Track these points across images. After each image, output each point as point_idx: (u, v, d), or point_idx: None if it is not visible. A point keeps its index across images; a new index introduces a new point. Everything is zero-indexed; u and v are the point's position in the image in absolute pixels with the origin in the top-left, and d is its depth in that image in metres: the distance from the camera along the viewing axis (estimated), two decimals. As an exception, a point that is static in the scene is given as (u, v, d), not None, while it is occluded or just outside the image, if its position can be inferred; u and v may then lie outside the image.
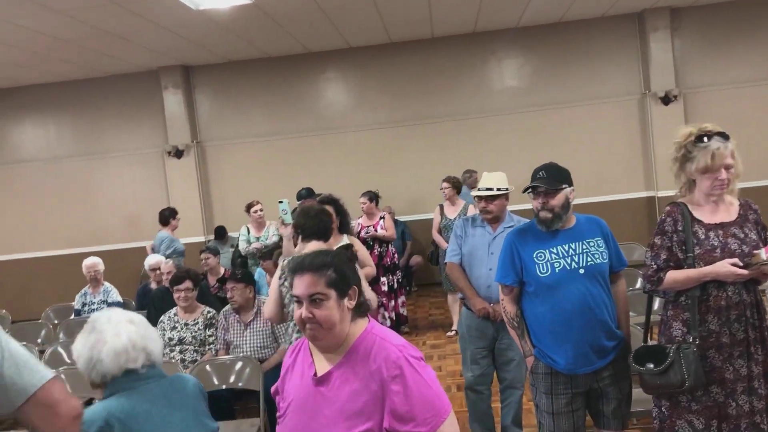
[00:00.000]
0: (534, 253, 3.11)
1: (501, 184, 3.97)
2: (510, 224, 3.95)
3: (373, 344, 1.92)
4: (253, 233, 7.40)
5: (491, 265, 3.79)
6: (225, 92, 10.32)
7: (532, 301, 3.14)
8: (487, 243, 3.95)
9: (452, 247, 4.13)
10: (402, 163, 10.05)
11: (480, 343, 3.95)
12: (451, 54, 9.96)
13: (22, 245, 10.56)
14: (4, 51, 8.15)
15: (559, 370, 3.07)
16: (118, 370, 2.09)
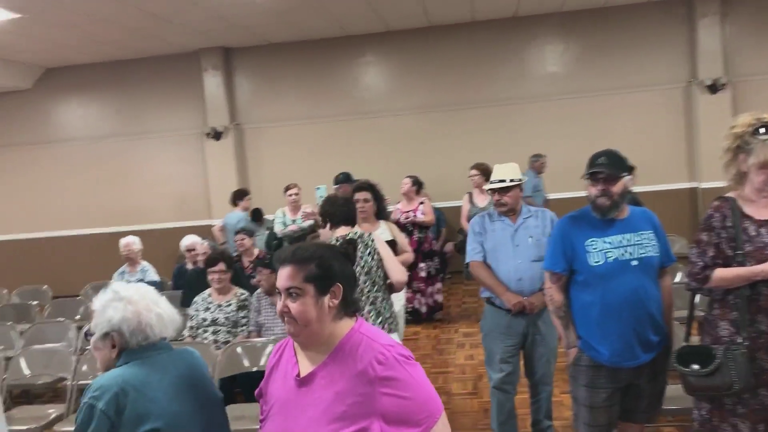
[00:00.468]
0: (586, 242, 3.03)
1: (514, 175, 3.85)
2: (528, 215, 3.86)
3: (360, 343, 1.82)
4: (288, 216, 7.42)
5: (519, 258, 3.74)
6: (264, 75, 10.36)
7: (580, 291, 3.06)
8: (509, 236, 3.81)
9: (472, 246, 3.91)
10: (438, 148, 9.97)
11: (509, 341, 3.81)
12: (491, 38, 9.81)
13: (65, 222, 10.81)
14: (50, 32, 8.29)
15: (602, 363, 3.01)
16: (143, 339, 2.16)
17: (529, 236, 3.78)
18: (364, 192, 4.73)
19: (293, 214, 7.37)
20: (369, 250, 3.87)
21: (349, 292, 1.88)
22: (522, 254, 3.74)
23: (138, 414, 2.04)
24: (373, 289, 3.86)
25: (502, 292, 3.73)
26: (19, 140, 10.87)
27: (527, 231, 3.80)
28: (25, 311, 6.06)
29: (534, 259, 3.71)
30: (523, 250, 3.75)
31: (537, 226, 3.81)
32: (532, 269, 3.71)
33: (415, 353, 6.12)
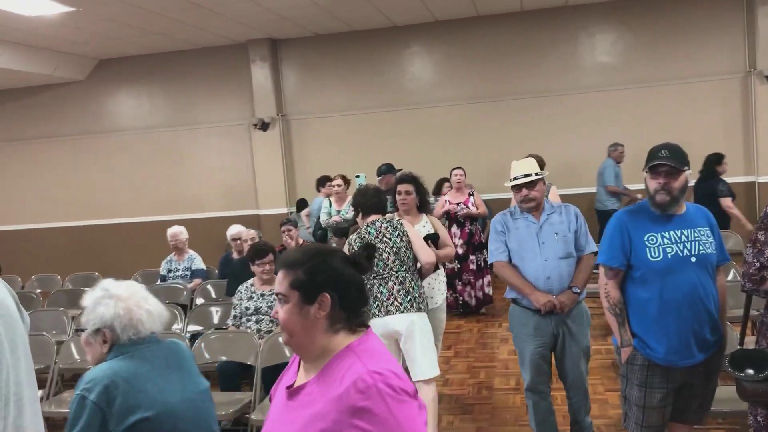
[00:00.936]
0: (645, 236, 2.93)
1: (535, 169, 3.74)
2: (551, 211, 3.74)
3: (349, 365, 1.63)
4: (334, 206, 7.45)
5: (546, 255, 3.63)
6: (310, 66, 10.40)
7: (637, 287, 2.97)
8: (534, 234, 3.68)
9: (495, 245, 3.77)
10: (484, 140, 9.86)
11: (539, 342, 3.69)
12: (541, 28, 9.63)
13: (116, 211, 11.08)
14: (101, 24, 8.48)
15: (658, 362, 2.92)
16: (134, 335, 2.27)
17: (554, 232, 3.67)
18: (407, 184, 4.69)
19: (338, 204, 7.39)
20: (398, 232, 4.05)
21: (348, 304, 1.71)
22: (549, 251, 3.63)
23: (128, 405, 2.14)
24: (401, 269, 4.00)
25: (530, 291, 3.61)
26: (72, 130, 11.18)
27: (552, 227, 3.68)
28: (77, 298, 6.20)
29: (561, 255, 3.63)
30: (550, 247, 3.64)
31: (562, 221, 3.70)
32: (560, 267, 3.62)
33: (458, 347, 6.12)
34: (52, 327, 5.22)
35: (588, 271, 3.69)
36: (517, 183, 3.69)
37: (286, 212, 10.21)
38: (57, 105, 11.20)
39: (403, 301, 3.95)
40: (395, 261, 3.99)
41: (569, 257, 3.65)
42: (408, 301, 3.94)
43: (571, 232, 3.67)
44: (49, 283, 7.37)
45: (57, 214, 11.30)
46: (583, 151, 9.50)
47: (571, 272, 3.65)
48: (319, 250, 1.78)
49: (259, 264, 4.78)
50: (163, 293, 6.02)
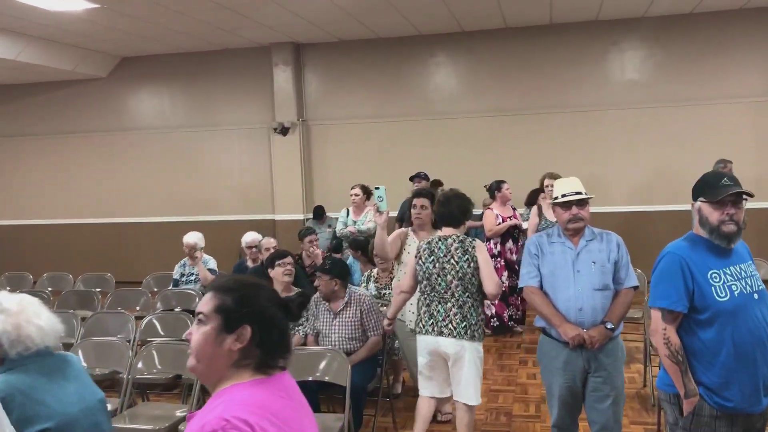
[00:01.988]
0: (709, 274, 2.65)
1: (584, 188, 3.48)
2: (591, 237, 3.46)
3: (216, 405, 1.55)
4: (351, 216, 7.28)
5: (580, 285, 3.37)
6: (333, 71, 10.27)
7: (703, 331, 2.66)
8: (570, 261, 3.41)
9: (527, 269, 3.52)
10: (508, 154, 9.67)
11: (567, 377, 3.41)
12: (569, 42, 9.44)
13: (133, 210, 11.00)
14: (126, 22, 8.40)
15: (728, 411, 2.63)
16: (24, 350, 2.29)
17: (592, 261, 3.40)
18: (423, 198, 4.51)
19: (356, 214, 7.22)
20: (467, 256, 3.84)
21: (266, 344, 1.61)
22: (583, 281, 3.37)
23: (27, 416, 2.18)
24: (464, 295, 3.84)
25: (559, 322, 3.35)
26: (92, 127, 11.12)
27: (590, 255, 3.42)
28: (88, 299, 6.12)
29: (597, 287, 3.37)
30: (585, 276, 3.38)
31: (601, 250, 3.43)
32: (594, 299, 3.36)
33: None
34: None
35: (625, 307, 3.43)
36: (568, 200, 3.42)
37: (302, 219, 10.08)
38: (78, 101, 11.15)
39: (458, 326, 3.81)
40: (458, 286, 3.82)
41: (606, 290, 3.40)
42: (463, 327, 3.81)
43: (610, 263, 3.41)
44: (60, 282, 7.26)
45: (73, 210, 11.24)
46: (609, 169, 9.30)
47: (605, 306, 3.39)
48: (254, 282, 1.71)
49: (280, 264, 4.61)
50: (174, 299, 5.89)
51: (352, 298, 4.46)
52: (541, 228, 6.21)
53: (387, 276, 5.32)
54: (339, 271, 4.43)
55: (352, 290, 4.52)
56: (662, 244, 2.90)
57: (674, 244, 2.80)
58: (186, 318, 4.92)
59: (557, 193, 3.51)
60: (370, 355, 4.41)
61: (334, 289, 4.42)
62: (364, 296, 4.50)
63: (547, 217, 6.32)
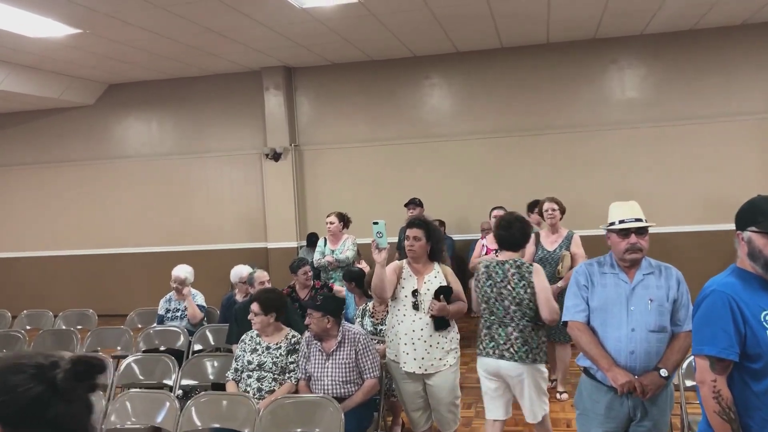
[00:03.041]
0: (762, 315, 2.27)
1: (643, 215, 3.13)
2: (649, 271, 3.08)
3: None
4: (329, 245, 6.93)
5: (634, 325, 2.99)
6: (326, 95, 10.02)
7: (756, 383, 2.28)
8: (624, 296, 3.04)
9: (574, 301, 3.16)
10: (506, 176, 9.39)
11: (610, 426, 3.09)
12: (567, 61, 9.21)
13: (121, 240, 10.67)
14: (111, 47, 8.15)
15: None
16: None
17: (649, 298, 3.02)
18: (416, 229, 4.09)
19: (333, 243, 6.89)
20: (523, 282, 3.82)
21: None
22: (638, 320, 3.00)
23: None
24: (523, 319, 3.82)
25: (607, 366, 2.98)
26: (80, 156, 10.83)
27: (647, 291, 3.04)
28: (66, 338, 5.76)
29: (653, 328, 2.99)
30: (640, 315, 3.00)
31: (660, 286, 3.05)
32: (649, 341, 2.98)
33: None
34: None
35: (683, 353, 3.04)
36: (626, 227, 3.04)
37: (296, 246, 9.77)
38: (65, 130, 10.87)
39: (519, 350, 3.80)
40: (516, 311, 3.82)
41: (662, 332, 3.01)
42: (524, 351, 3.79)
43: (669, 301, 3.02)
44: (39, 319, 6.89)
45: (58, 242, 10.91)
46: (611, 192, 9.00)
47: (660, 350, 3.01)
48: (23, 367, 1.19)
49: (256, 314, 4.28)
50: (158, 338, 5.54)
51: (346, 337, 4.13)
52: (538, 258, 5.64)
53: (383, 310, 4.99)
54: (332, 307, 4.10)
55: (346, 328, 4.18)
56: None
57: (719, 280, 2.40)
58: (168, 360, 4.58)
59: (614, 218, 3.13)
60: (366, 399, 4.06)
61: (327, 327, 4.09)
62: (358, 335, 4.16)
63: (544, 246, 5.72)
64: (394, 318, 4.11)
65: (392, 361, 4.13)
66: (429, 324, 4.00)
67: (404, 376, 4.09)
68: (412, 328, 4.00)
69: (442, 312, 3.97)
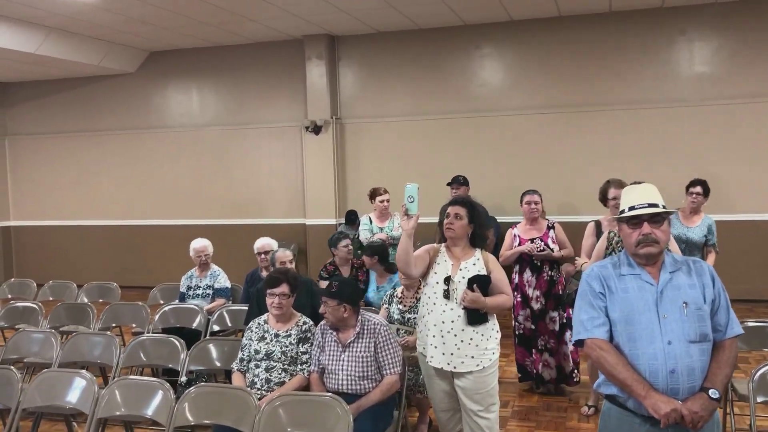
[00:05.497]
0: None
1: (662, 199, 2.55)
2: (674, 267, 2.50)
3: None
4: (375, 223, 6.52)
5: (670, 336, 2.37)
6: (370, 66, 9.52)
7: None
8: (652, 301, 2.43)
9: (589, 313, 2.51)
10: (559, 155, 8.75)
11: None
12: (631, 32, 8.46)
13: (157, 212, 10.49)
14: (150, 11, 7.84)
15: None
16: None
17: (682, 301, 2.42)
18: (459, 206, 3.62)
19: (381, 221, 6.46)
20: None
21: None
22: (674, 330, 2.39)
23: None
24: None
25: (644, 392, 2.34)
26: (118, 125, 10.65)
27: (678, 293, 2.44)
28: (82, 314, 5.50)
29: (693, 338, 2.38)
30: (676, 323, 2.40)
31: (693, 285, 2.46)
32: (691, 356, 2.37)
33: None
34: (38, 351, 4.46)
35: (732, 364, 2.45)
36: (637, 213, 2.50)
37: (334, 223, 9.38)
38: (104, 98, 10.70)
39: None
40: None
41: (704, 341, 2.41)
42: None
43: (707, 303, 2.44)
44: (63, 291, 6.68)
45: (96, 212, 10.79)
46: (676, 173, 8.27)
47: (705, 364, 2.41)
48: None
49: (269, 295, 3.87)
50: (174, 316, 5.21)
51: (365, 328, 3.69)
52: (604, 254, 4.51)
53: (412, 296, 4.52)
54: (349, 294, 3.65)
55: (366, 318, 3.73)
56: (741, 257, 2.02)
57: None
58: (177, 342, 4.22)
59: (624, 205, 2.57)
60: (385, 398, 3.62)
61: (344, 316, 3.65)
62: (379, 325, 3.71)
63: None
64: (424, 306, 3.65)
65: (421, 354, 3.68)
66: (461, 316, 3.51)
67: (432, 372, 3.63)
68: (442, 319, 3.53)
69: (476, 304, 3.48)
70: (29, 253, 11.20)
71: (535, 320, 5.18)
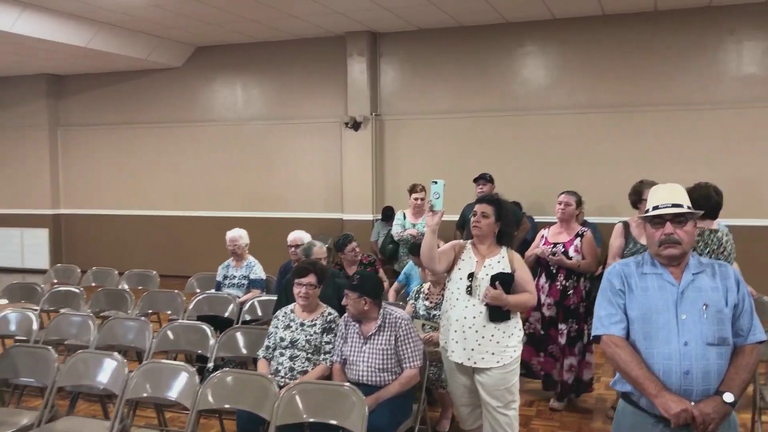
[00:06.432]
0: None
1: (688, 200, 2.52)
2: (698, 269, 2.48)
3: None
4: (409, 219, 6.58)
5: (687, 338, 2.36)
6: (411, 63, 9.56)
7: None
8: (672, 301, 2.42)
9: (607, 310, 2.52)
10: (600, 155, 8.64)
11: None
12: (677, 31, 8.29)
13: (198, 203, 10.74)
14: (197, 8, 8.03)
15: None
16: None
17: (703, 303, 2.41)
18: (486, 205, 3.66)
19: (415, 218, 6.51)
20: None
21: None
22: (692, 331, 2.38)
23: None
24: None
25: (656, 391, 2.34)
26: (164, 118, 10.93)
27: (700, 294, 2.43)
28: (120, 300, 5.70)
29: (711, 341, 2.37)
30: (694, 324, 2.38)
31: (715, 287, 2.44)
32: (707, 358, 2.35)
33: None
34: (77, 333, 4.65)
35: (751, 370, 2.42)
36: (659, 213, 2.48)
37: (371, 219, 9.45)
38: (151, 91, 11.00)
39: None
40: None
41: (723, 345, 2.39)
42: None
43: (729, 306, 2.42)
44: (105, 277, 6.92)
45: (139, 202, 11.12)
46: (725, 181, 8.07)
47: (722, 368, 2.38)
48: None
49: (297, 284, 3.96)
50: (208, 304, 5.36)
51: (386, 321, 3.74)
52: (628, 254, 4.42)
53: (439, 293, 4.55)
54: (370, 287, 3.71)
55: (388, 311, 3.78)
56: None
57: None
58: (205, 329, 4.35)
59: (649, 205, 2.56)
60: (404, 391, 3.66)
61: (364, 309, 3.71)
62: (400, 319, 3.76)
63: (637, 239, 4.49)
64: (447, 302, 3.69)
65: (443, 349, 3.71)
66: (483, 313, 3.54)
67: (453, 366, 3.66)
68: (464, 314, 3.56)
69: (497, 301, 3.50)
70: (77, 240, 11.60)
71: (545, 326, 4.96)
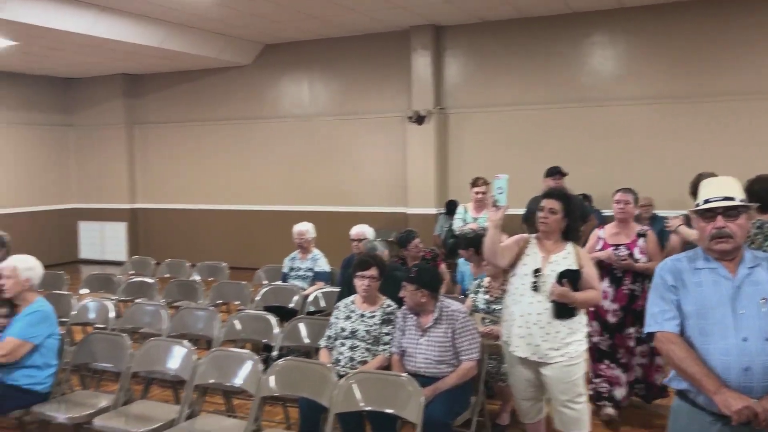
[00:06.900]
0: None
1: (741, 193, 2.46)
2: (754, 263, 2.41)
3: None
4: (471, 213, 6.58)
5: (745, 333, 2.30)
6: (475, 55, 9.52)
7: None
8: (727, 296, 2.37)
9: (661, 307, 2.47)
10: (670, 147, 8.40)
11: None
12: (752, 16, 7.96)
13: (267, 197, 11.03)
14: (263, 6, 8.23)
15: None
16: None
17: (761, 298, 2.35)
18: (554, 200, 3.62)
19: (477, 212, 6.50)
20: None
21: None
22: (750, 327, 2.31)
23: None
24: None
25: (714, 387, 2.28)
26: (234, 115, 11.25)
27: (757, 289, 2.36)
28: (191, 290, 5.95)
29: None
30: (753, 320, 2.32)
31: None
32: (767, 353, 2.30)
33: None
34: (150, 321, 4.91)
35: None
36: (710, 206, 2.43)
37: (435, 213, 9.47)
38: (221, 89, 11.33)
39: None
40: None
41: None
42: None
43: None
44: (178, 268, 7.22)
45: (210, 196, 11.50)
46: None
47: None
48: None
49: (359, 277, 4.04)
50: (274, 295, 5.53)
51: (443, 314, 3.78)
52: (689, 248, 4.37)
53: (499, 287, 4.54)
54: (427, 280, 3.76)
55: (444, 304, 3.82)
56: None
57: None
58: (270, 319, 4.50)
59: (700, 198, 2.50)
60: (461, 383, 3.70)
61: (421, 301, 3.76)
62: (457, 312, 3.79)
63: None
64: (510, 297, 3.69)
65: (505, 343, 3.72)
66: (548, 309, 3.53)
67: (516, 360, 3.66)
68: (529, 310, 3.56)
69: (564, 298, 3.48)
70: (152, 233, 12.09)
71: (611, 333, 4.72)
